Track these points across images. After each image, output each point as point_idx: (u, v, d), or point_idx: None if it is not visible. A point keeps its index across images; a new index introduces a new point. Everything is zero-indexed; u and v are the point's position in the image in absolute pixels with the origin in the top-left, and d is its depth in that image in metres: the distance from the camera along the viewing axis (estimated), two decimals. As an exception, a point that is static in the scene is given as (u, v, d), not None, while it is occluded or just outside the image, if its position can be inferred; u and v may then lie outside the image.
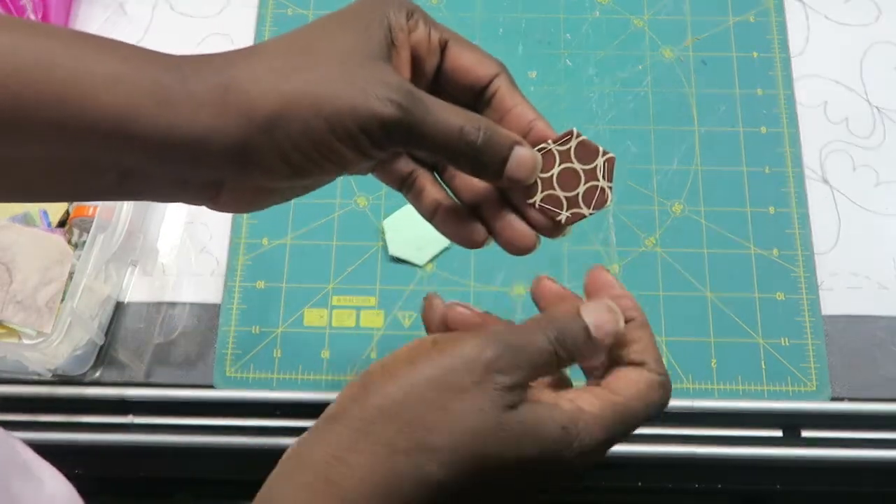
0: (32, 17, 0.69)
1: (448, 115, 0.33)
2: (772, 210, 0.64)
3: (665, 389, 0.35)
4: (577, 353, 0.33)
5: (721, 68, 0.69)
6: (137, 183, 0.34)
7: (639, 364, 0.35)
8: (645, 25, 0.71)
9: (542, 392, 0.34)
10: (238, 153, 0.32)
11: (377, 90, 0.32)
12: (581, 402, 0.33)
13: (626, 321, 0.35)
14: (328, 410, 0.32)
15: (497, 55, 0.69)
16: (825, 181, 0.66)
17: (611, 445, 0.34)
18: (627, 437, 0.34)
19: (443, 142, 0.33)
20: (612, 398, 0.33)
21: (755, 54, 0.70)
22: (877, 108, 0.68)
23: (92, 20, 0.72)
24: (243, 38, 0.71)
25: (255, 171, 0.33)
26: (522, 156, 0.35)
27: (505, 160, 0.35)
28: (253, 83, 0.32)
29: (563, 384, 0.36)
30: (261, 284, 0.63)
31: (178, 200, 0.35)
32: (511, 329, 0.33)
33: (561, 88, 0.69)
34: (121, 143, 0.31)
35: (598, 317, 0.33)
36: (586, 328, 0.33)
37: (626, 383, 0.34)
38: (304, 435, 0.33)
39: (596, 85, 0.69)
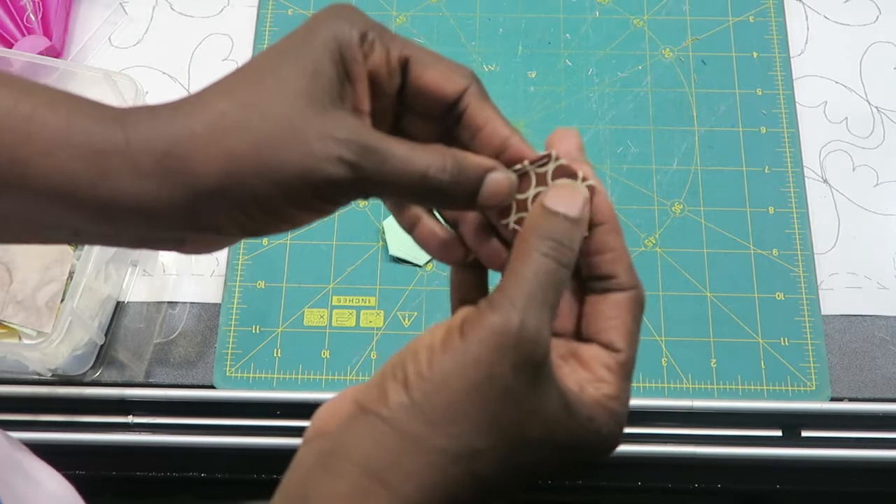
0: (32, 17, 0.69)
1: (409, 160, 0.31)
2: (771, 210, 0.64)
3: (641, 305, 0.34)
4: (575, 245, 0.32)
5: (721, 68, 0.69)
6: (93, 238, 0.34)
7: (609, 278, 0.34)
8: (645, 25, 0.71)
9: (567, 372, 0.33)
10: (186, 219, 0.31)
11: (327, 149, 0.30)
12: (600, 384, 0.32)
13: (598, 224, 0.33)
14: (362, 398, 0.31)
15: (497, 55, 0.70)
16: (825, 181, 0.66)
17: (627, 413, 0.33)
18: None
19: (406, 188, 0.32)
20: (617, 360, 0.33)
21: (755, 54, 0.70)
22: (876, 108, 0.69)
23: (92, 20, 0.72)
24: (243, 38, 0.71)
25: (210, 232, 0.32)
26: (496, 181, 0.33)
27: (476, 191, 0.33)
28: (195, 147, 0.30)
29: (577, 353, 0.34)
30: (261, 284, 0.63)
31: (143, 248, 0.34)
32: (512, 275, 0.31)
33: (561, 88, 0.69)
34: (64, 209, 0.30)
35: (562, 198, 0.32)
36: (566, 217, 0.32)
37: (615, 326, 0.33)
38: (333, 413, 0.32)
39: (596, 85, 0.69)
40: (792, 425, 0.59)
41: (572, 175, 0.34)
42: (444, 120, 0.35)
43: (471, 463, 0.30)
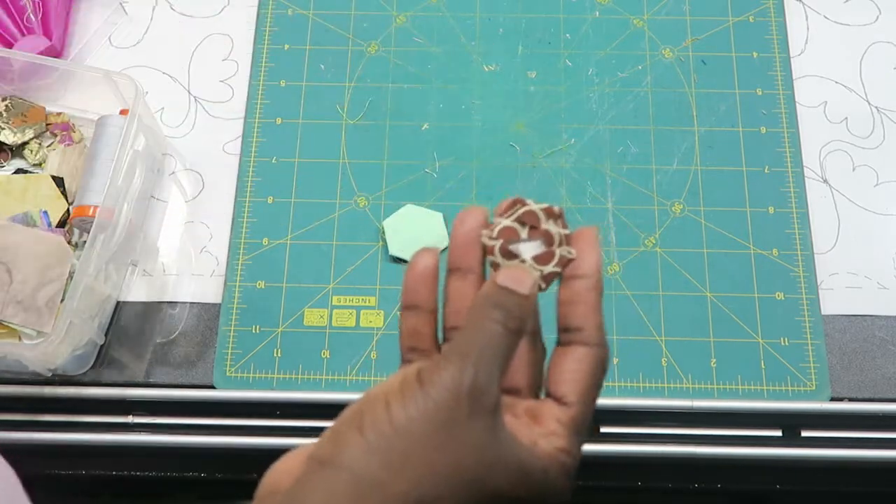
0: (32, 17, 0.69)
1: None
2: (771, 210, 0.64)
3: (603, 365, 0.35)
4: (525, 315, 0.33)
5: (721, 68, 0.69)
6: None
7: (576, 330, 0.35)
8: (645, 25, 0.71)
9: (518, 426, 0.34)
10: None
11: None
12: (552, 437, 0.34)
13: (578, 278, 0.35)
14: (318, 452, 0.32)
15: (497, 55, 0.70)
16: (825, 181, 0.66)
17: (578, 464, 0.35)
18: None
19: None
20: (568, 414, 0.34)
21: (755, 54, 0.70)
22: (876, 108, 0.69)
23: (92, 20, 0.72)
24: (243, 38, 0.71)
25: None
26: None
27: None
28: None
29: (532, 410, 0.36)
30: (261, 284, 0.63)
31: None
32: (467, 334, 0.33)
33: (561, 88, 0.69)
34: None
35: (513, 278, 0.34)
36: (515, 293, 0.33)
37: (571, 380, 0.34)
38: (285, 469, 0.32)
39: (596, 85, 0.69)
40: (792, 425, 0.59)
41: (535, 220, 0.36)
42: None
43: None
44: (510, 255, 0.36)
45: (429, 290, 0.36)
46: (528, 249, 0.36)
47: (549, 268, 0.35)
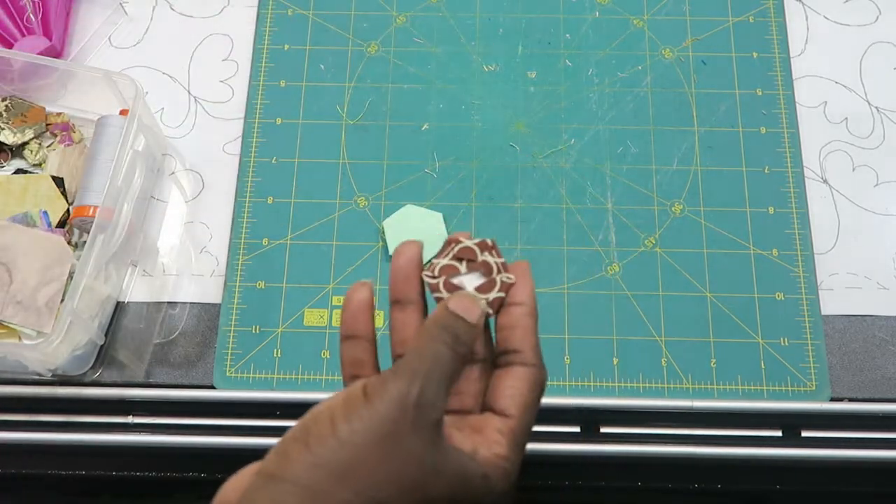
0: (32, 17, 0.69)
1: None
2: (771, 210, 0.64)
3: (541, 384, 0.38)
4: (472, 340, 0.36)
5: (721, 68, 0.69)
6: None
7: (515, 352, 0.37)
8: (645, 25, 0.71)
9: (461, 438, 0.36)
10: None
11: None
12: (493, 445, 0.36)
13: (516, 305, 0.38)
14: (265, 467, 0.33)
15: (497, 55, 0.70)
16: (825, 181, 0.66)
17: (518, 472, 0.36)
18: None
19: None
20: (508, 425, 0.36)
21: (755, 54, 0.70)
22: (876, 108, 0.69)
23: (92, 20, 0.72)
24: (243, 38, 0.71)
25: None
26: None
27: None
28: None
29: (474, 423, 0.37)
30: (261, 284, 0.63)
31: None
32: (415, 353, 0.34)
33: (561, 88, 0.69)
34: None
35: (462, 306, 0.36)
36: (464, 320, 0.36)
37: (511, 396, 0.37)
38: (235, 486, 0.34)
39: (596, 85, 0.69)
40: (792, 425, 0.59)
41: (472, 254, 0.39)
42: None
43: None
44: (454, 289, 0.38)
45: (366, 321, 0.39)
46: (470, 281, 0.39)
47: (494, 294, 0.38)
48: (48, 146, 0.66)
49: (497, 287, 0.38)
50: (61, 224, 0.62)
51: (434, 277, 0.38)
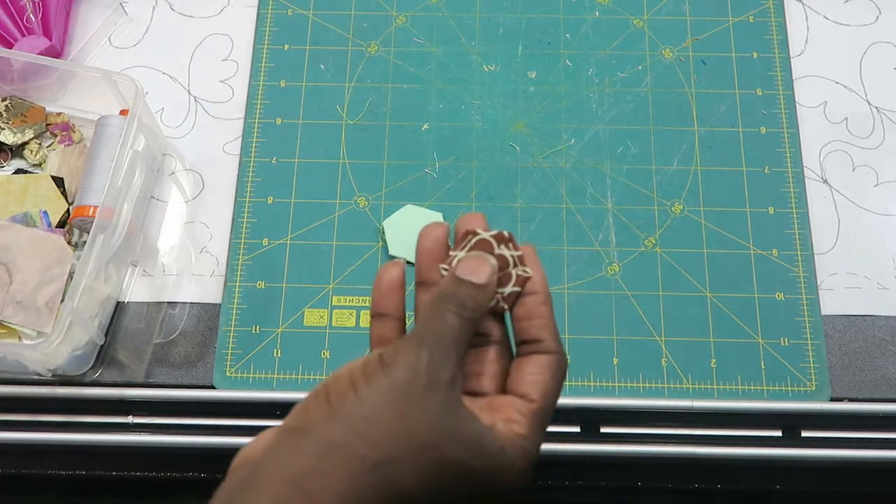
0: (32, 17, 0.69)
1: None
2: (771, 210, 0.64)
3: (563, 369, 0.38)
4: (479, 307, 0.37)
5: (721, 68, 0.69)
6: None
7: (535, 341, 0.38)
8: (645, 25, 0.71)
9: (478, 412, 0.36)
10: None
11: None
12: (512, 424, 0.36)
13: (529, 294, 0.38)
14: (287, 422, 0.34)
15: (497, 55, 0.70)
16: (825, 181, 0.66)
17: (538, 453, 0.37)
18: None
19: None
20: (530, 407, 0.37)
21: (755, 54, 0.70)
22: (876, 108, 0.69)
23: (92, 20, 0.72)
24: (243, 38, 0.71)
25: None
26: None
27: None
28: None
29: (493, 403, 0.38)
30: (261, 284, 0.63)
31: None
32: (424, 322, 0.36)
33: (561, 88, 0.69)
34: None
35: (470, 268, 0.37)
36: (471, 283, 0.36)
37: (533, 381, 0.37)
38: (256, 445, 0.35)
39: (596, 85, 0.69)
40: (792, 425, 0.59)
41: (489, 247, 0.39)
42: None
43: (389, 473, 0.33)
44: None
45: (396, 300, 0.39)
46: None
47: (509, 288, 0.38)
48: (48, 146, 0.66)
49: (513, 281, 0.38)
50: (61, 224, 0.62)
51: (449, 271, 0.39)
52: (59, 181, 0.63)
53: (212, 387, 0.60)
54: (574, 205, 0.65)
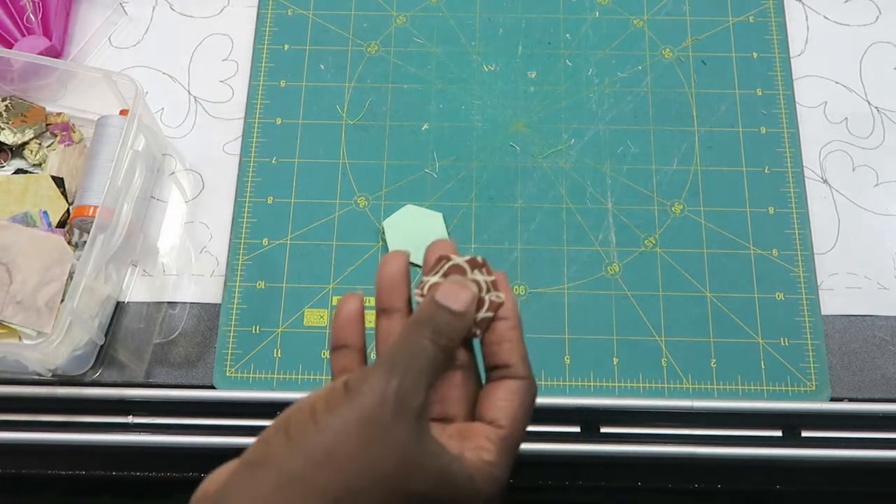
0: (32, 17, 0.69)
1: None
2: (771, 210, 0.64)
3: (532, 395, 0.38)
4: (456, 335, 0.36)
5: (721, 68, 0.69)
6: None
7: (505, 366, 0.37)
8: (645, 26, 0.71)
9: (447, 441, 0.35)
10: None
11: None
12: (481, 451, 0.35)
13: (500, 319, 0.38)
14: (246, 456, 0.33)
15: (497, 55, 0.70)
16: (825, 181, 0.66)
17: (508, 480, 0.36)
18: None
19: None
20: (499, 434, 0.36)
21: (755, 54, 0.70)
22: (876, 108, 0.69)
23: (92, 20, 0.72)
24: (243, 38, 0.71)
25: None
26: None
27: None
28: None
29: (462, 430, 0.37)
30: (261, 284, 0.63)
31: None
32: (397, 347, 0.34)
33: (561, 88, 0.69)
34: None
35: (450, 294, 0.36)
36: (450, 309, 0.36)
37: (502, 407, 0.37)
38: (216, 479, 0.34)
39: (596, 85, 0.69)
40: (792, 425, 0.59)
41: (462, 272, 0.38)
42: None
43: (352, 502, 0.31)
44: None
45: (356, 331, 0.39)
46: None
47: (482, 314, 0.38)
48: (48, 146, 0.66)
49: (486, 307, 0.38)
50: (61, 224, 0.62)
51: (424, 296, 0.38)
52: (59, 181, 0.63)
53: (212, 387, 0.60)
54: (574, 205, 0.65)
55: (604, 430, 0.59)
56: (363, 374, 0.33)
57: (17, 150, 0.66)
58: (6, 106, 0.66)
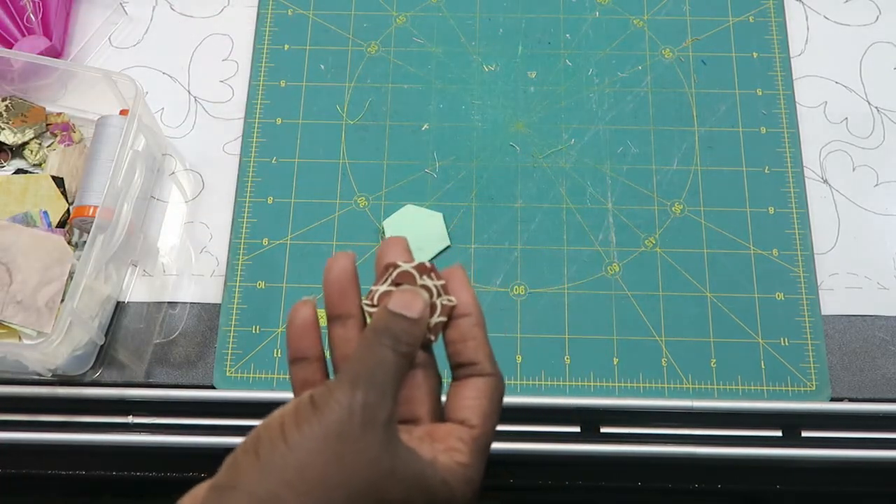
0: (32, 17, 0.69)
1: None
2: (771, 210, 0.64)
3: (500, 391, 0.37)
4: (415, 341, 0.35)
5: (721, 68, 0.69)
6: None
7: (471, 364, 0.37)
8: (645, 25, 0.71)
9: (419, 446, 0.35)
10: None
11: None
12: (453, 453, 0.35)
13: (462, 316, 0.37)
14: (216, 479, 0.33)
15: (497, 55, 0.70)
16: (825, 181, 0.66)
17: (482, 478, 0.36)
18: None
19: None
20: (471, 434, 0.36)
21: (755, 54, 0.70)
22: (876, 108, 0.69)
23: (92, 20, 0.72)
24: (243, 38, 0.71)
25: None
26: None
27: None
28: None
29: (432, 431, 0.37)
30: (261, 284, 0.63)
31: None
32: (358, 359, 0.34)
33: (561, 88, 0.69)
34: None
35: (402, 302, 0.36)
36: (404, 317, 0.35)
37: (471, 406, 0.36)
38: (186, 500, 0.34)
39: (596, 85, 0.69)
40: (792, 425, 0.59)
41: (411, 279, 0.38)
42: None
43: None
44: None
45: (313, 340, 0.38)
46: None
47: (435, 318, 0.37)
48: (48, 146, 0.66)
49: (438, 311, 0.37)
50: (61, 224, 0.62)
51: (373, 306, 0.38)
52: (59, 181, 0.63)
53: (212, 387, 0.60)
54: (574, 205, 0.65)
55: (604, 430, 0.59)
56: (328, 389, 0.33)
57: (17, 150, 0.66)
58: (6, 106, 0.66)
